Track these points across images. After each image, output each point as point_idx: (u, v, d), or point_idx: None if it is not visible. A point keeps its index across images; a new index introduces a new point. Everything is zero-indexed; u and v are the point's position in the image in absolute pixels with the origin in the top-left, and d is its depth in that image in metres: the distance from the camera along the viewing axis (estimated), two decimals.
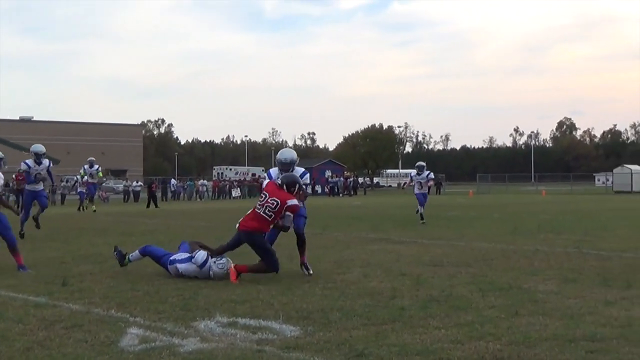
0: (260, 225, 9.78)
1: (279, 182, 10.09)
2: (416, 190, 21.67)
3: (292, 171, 10.42)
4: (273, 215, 9.76)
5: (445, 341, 6.04)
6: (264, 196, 9.92)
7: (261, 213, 9.78)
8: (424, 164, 22.04)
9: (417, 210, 21.56)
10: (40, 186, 16.18)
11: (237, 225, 10.02)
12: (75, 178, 37.43)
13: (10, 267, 10.66)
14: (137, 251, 10.54)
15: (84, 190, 30.97)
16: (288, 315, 7.20)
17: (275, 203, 9.73)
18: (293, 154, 10.68)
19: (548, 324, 6.67)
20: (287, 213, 9.78)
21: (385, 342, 6.03)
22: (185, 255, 9.96)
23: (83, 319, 7.04)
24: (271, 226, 9.94)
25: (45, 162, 16.35)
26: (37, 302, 8.01)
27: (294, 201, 9.83)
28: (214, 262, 9.72)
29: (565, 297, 8.17)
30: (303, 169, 10.70)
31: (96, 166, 28.30)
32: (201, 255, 9.75)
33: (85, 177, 28.69)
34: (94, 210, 29.66)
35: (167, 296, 8.37)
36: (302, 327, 6.66)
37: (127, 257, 10.52)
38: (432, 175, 22.04)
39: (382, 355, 5.65)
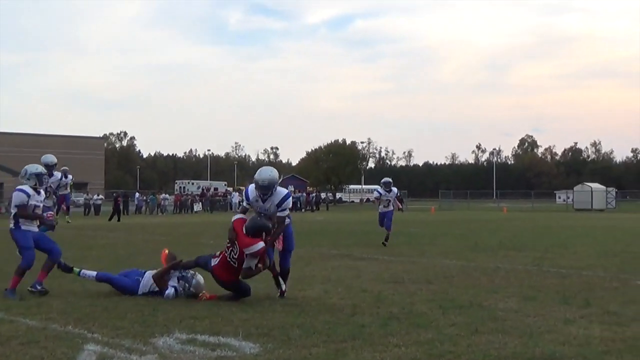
0: (231, 277, 9.18)
1: (244, 229, 9.13)
2: (381, 209, 19.80)
3: (271, 195, 9.23)
4: (237, 263, 9.11)
5: (404, 359, 6.04)
6: (229, 241, 9.18)
7: (228, 259, 9.14)
8: (390, 180, 20.61)
9: (385, 239, 19.29)
10: (49, 202, 14.63)
11: (212, 266, 9.33)
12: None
13: None
14: (93, 274, 10.12)
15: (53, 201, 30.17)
16: (248, 332, 7.16)
17: (237, 250, 9.10)
18: (273, 176, 9.28)
19: (507, 342, 6.70)
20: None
21: (345, 359, 6.01)
22: (154, 287, 9.56)
23: (40, 335, 6.94)
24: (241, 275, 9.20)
25: (57, 175, 15.26)
26: None
27: (257, 246, 8.97)
28: (183, 291, 9.41)
29: (524, 315, 8.23)
30: (286, 191, 9.43)
31: (70, 176, 27.45)
32: (171, 294, 9.37)
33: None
34: (66, 222, 29.14)
35: (126, 312, 8.27)
36: (261, 344, 6.62)
37: (74, 269, 10.11)
38: (398, 194, 20.79)
39: None
